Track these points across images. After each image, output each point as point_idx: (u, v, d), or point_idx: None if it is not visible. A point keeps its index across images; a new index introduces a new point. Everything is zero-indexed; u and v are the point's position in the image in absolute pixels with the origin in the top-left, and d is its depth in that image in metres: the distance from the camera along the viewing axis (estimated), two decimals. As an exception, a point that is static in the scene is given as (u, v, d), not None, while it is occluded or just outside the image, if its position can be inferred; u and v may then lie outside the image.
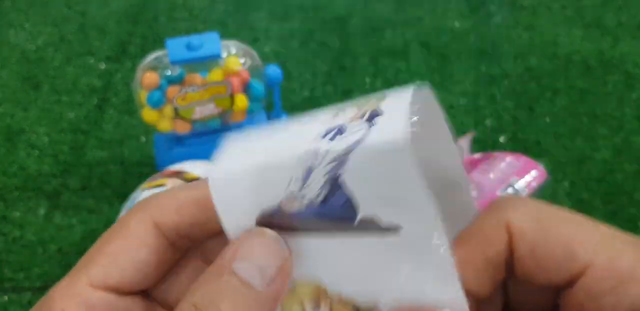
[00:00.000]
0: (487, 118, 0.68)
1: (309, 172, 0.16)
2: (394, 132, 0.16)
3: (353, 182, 0.16)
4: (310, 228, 0.17)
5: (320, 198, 0.16)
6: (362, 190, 0.16)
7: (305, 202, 0.17)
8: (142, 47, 0.75)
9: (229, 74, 0.51)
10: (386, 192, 0.16)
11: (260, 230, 0.18)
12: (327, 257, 0.17)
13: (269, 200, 0.17)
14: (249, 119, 0.56)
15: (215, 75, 0.51)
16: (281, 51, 0.75)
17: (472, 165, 0.56)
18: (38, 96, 0.68)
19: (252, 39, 0.77)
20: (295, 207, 0.17)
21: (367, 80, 0.72)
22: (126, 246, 0.19)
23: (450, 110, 0.69)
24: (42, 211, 0.57)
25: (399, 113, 0.16)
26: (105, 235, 0.19)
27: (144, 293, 0.20)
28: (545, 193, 0.53)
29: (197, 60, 0.49)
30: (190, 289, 0.17)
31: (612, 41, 0.78)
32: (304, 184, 0.16)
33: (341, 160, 0.16)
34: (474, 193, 0.51)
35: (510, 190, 0.52)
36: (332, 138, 0.16)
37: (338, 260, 0.17)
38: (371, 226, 0.16)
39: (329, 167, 0.16)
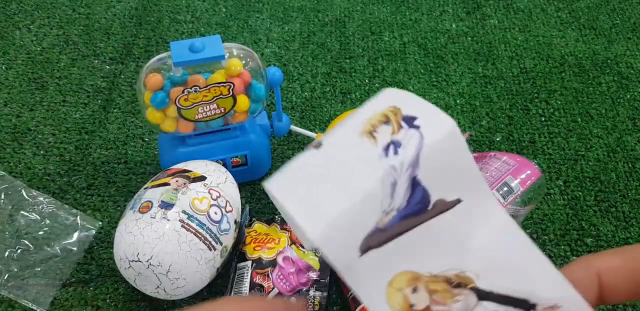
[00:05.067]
0: (483, 118, 0.69)
1: (393, 186, 0.19)
2: (442, 124, 0.19)
3: (426, 176, 0.19)
4: (397, 233, 0.19)
5: (405, 202, 0.19)
6: (433, 180, 0.19)
7: (394, 212, 0.19)
8: (146, 49, 0.76)
9: (231, 75, 0.51)
10: (449, 175, 0.19)
11: None
12: (411, 247, 0.20)
13: (368, 227, 0.19)
14: (251, 119, 0.56)
15: (218, 76, 0.51)
16: (282, 53, 0.76)
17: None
18: (44, 96, 0.69)
19: (253, 41, 0.78)
20: (387, 220, 0.19)
21: (366, 81, 0.73)
22: None
23: (447, 110, 0.69)
24: (48, 209, 0.58)
25: (430, 111, 0.19)
26: None
27: None
28: (540, 191, 0.54)
29: (200, 62, 0.50)
30: None
31: (606, 43, 0.79)
32: (391, 198, 0.19)
33: (414, 163, 0.19)
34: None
35: (505, 189, 0.52)
36: (396, 153, 0.19)
37: (420, 244, 0.20)
38: (440, 205, 0.19)
39: (407, 174, 0.19)
